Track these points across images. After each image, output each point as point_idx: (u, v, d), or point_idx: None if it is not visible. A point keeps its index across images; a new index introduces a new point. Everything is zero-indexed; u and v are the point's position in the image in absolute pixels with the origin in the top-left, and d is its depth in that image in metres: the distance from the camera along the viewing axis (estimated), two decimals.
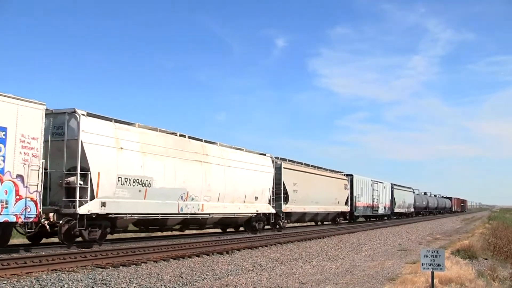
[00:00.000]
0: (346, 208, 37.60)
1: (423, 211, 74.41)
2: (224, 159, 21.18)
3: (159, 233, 20.43)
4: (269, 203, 24.65)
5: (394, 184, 54.21)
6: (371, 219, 48.39)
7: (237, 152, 23.03)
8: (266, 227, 26.04)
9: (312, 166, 33.15)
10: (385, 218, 50.71)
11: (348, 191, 38.10)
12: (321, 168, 34.71)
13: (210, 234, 23.40)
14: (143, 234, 22.33)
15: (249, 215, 23.19)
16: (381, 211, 47.32)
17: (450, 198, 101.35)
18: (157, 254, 13.74)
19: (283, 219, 26.56)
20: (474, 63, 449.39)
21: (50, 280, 9.34)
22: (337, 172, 38.36)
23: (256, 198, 23.38)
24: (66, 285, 9.03)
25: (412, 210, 63.84)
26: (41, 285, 8.95)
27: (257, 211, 23.49)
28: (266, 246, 17.73)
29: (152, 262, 12.42)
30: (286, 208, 26.59)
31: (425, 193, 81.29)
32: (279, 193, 25.96)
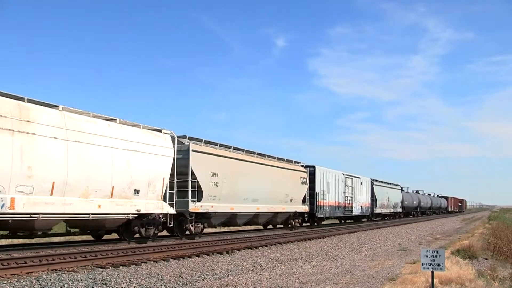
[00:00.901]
0: (304, 208, 29.13)
1: (414, 212, 66.59)
2: (69, 131, 13.99)
3: (159, 233, 20.27)
4: (164, 199, 17.58)
5: (376, 180, 45.91)
6: (347, 221, 41.10)
7: (99, 123, 15.42)
8: (170, 234, 20.49)
9: (249, 152, 24.33)
10: (364, 219, 43.68)
11: (307, 186, 29.53)
12: (264, 155, 25.61)
13: (210, 234, 23.35)
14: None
15: (123, 216, 15.89)
16: (357, 211, 39.19)
17: (446, 198, 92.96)
18: (157, 254, 13.74)
19: (193, 222, 19.39)
20: (474, 63, 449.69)
21: (50, 280, 9.34)
22: (290, 162, 28.64)
23: (137, 191, 16.20)
24: (66, 285, 9.03)
25: (400, 210, 55.46)
26: (41, 285, 8.95)
27: (138, 210, 16.23)
28: (266, 246, 17.75)
29: (152, 262, 12.43)
30: (196, 207, 19.22)
31: (417, 191, 72.97)
32: (184, 186, 18.89)
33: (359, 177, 40.45)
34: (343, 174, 36.66)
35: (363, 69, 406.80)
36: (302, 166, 30.09)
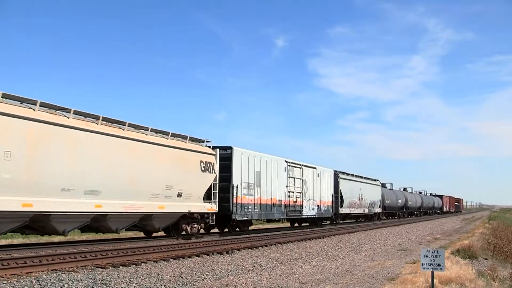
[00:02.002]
0: (208, 207, 19.95)
1: (399, 212, 57.42)
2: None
3: (159, 233, 20.29)
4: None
5: (342, 172, 36.42)
6: (301, 224, 32.30)
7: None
8: None
9: (90, 116, 14.83)
10: (322, 223, 33.77)
11: (216, 175, 20.36)
12: (122, 123, 15.91)
13: (210, 234, 23.36)
14: (143, 234, 22.35)
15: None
16: (309, 211, 29.39)
17: (440, 196, 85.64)
18: (157, 254, 13.74)
19: None
20: (473, 63, 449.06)
21: (50, 280, 9.34)
22: (183, 138, 18.97)
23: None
24: (66, 285, 9.03)
25: (378, 210, 45.87)
26: (41, 285, 8.95)
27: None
28: (266, 246, 17.75)
29: (152, 262, 12.43)
30: None
31: (404, 189, 64.16)
32: None
33: (314, 167, 30.41)
34: (286, 161, 26.46)
35: (363, 69, 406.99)
36: (210, 147, 20.58)
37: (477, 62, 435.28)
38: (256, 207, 23.34)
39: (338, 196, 34.47)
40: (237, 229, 23.25)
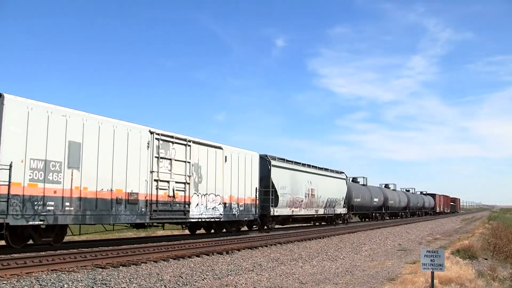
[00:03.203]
0: None
1: (377, 213, 47.50)
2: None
3: (159, 233, 20.36)
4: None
5: (278, 159, 26.74)
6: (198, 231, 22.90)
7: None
8: None
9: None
10: (239, 228, 23.86)
11: None
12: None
13: (210, 234, 23.37)
14: (143, 234, 22.33)
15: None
16: (205, 212, 19.90)
17: (433, 195, 77.09)
18: (157, 254, 13.74)
19: None
20: (473, 63, 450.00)
21: (50, 280, 9.34)
22: None
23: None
24: (66, 285, 9.03)
25: (342, 211, 35.98)
26: (41, 285, 8.95)
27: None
28: (266, 246, 17.75)
29: (152, 262, 12.44)
30: None
31: (386, 186, 55.72)
32: None
33: (218, 147, 20.83)
34: (152, 132, 17.24)
35: (362, 69, 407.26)
36: None
37: (476, 62, 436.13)
38: (71, 203, 13.89)
39: (268, 192, 24.78)
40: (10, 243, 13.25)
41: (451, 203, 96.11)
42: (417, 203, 64.86)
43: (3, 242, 13.23)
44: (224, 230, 22.73)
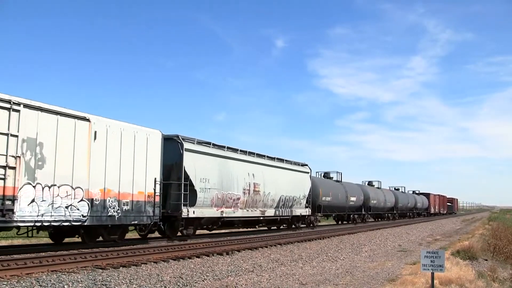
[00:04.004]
0: None
1: (354, 215, 40.09)
2: None
3: (159, 234, 20.25)
4: None
5: (198, 142, 20.40)
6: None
7: None
8: None
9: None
10: (111, 237, 16.24)
11: None
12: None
13: (210, 234, 23.35)
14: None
15: None
16: (46, 212, 12.94)
17: (427, 195, 70.03)
18: (157, 255, 13.74)
19: None
20: (473, 63, 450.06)
21: (50, 281, 9.35)
22: None
23: None
24: (66, 286, 9.04)
25: (303, 212, 28.88)
26: (41, 285, 8.96)
27: None
28: (266, 247, 17.74)
29: (152, 263, 12.43)
30: None
31: (369, 183, 48.68)
32: None
33: (83, 118, 14.51)
34: None
35: (362, 69, 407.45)
36: None
37: (476, 63, 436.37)
38: None
39: (182, 185, 18.44)
40: None
41: (448, 204, 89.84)
42: (408, 203, 57.72)
43: None
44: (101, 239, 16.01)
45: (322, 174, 37.42)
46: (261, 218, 24.66)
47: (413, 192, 67.00)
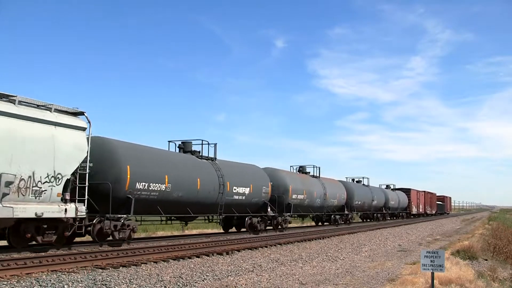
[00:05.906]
0: None
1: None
2: None
3: (159, 234, 20.30)
4: None
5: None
6: None
7: None
8: None
9: None
10: None
11: None
12: None
13: (210, 234, 23.37)
14: (143, 235, 22.31)
15: None
16: None
17: (407, 191, 56.09)
18: (157, 254, 13.73)
19: None
20: (473, 64, 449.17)
21: (50, 281, 9.34)
22: None
23: None
24: (66, 286, 9.03)
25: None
26: (41, 285, 8.95)
27: None
28: (266, 247, 17.74)
29: (152, 262, 12.43)
30: None
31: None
32: None
33: None
34: None
35: (362, 69, 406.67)
36: None
37: (476, 63, 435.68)
38: None
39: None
40: None
41: (438, 202, 74.79)
42: (380, 201, 44.75)
43: None
44: None
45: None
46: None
47: (387, 186, 52.47)
